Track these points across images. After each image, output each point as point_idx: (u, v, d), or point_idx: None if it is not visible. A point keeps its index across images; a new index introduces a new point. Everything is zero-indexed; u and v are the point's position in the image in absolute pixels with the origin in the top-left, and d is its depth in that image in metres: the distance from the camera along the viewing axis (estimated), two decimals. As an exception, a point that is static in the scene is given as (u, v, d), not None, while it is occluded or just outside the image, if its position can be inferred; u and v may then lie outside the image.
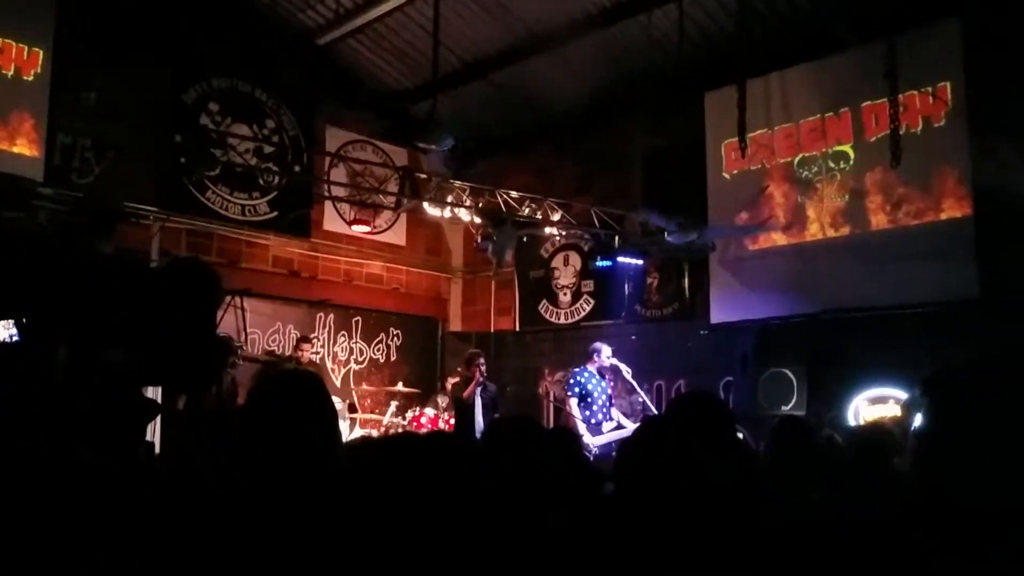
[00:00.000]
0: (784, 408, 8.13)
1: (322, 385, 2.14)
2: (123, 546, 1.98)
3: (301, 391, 2.06)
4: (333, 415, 2.06)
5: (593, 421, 8.62)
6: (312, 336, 11.02)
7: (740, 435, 7.24)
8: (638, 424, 2.57)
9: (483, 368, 9.24)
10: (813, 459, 3.10)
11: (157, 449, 7.15)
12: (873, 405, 7.96)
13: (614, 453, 2.61)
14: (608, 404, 8.69)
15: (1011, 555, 1.27)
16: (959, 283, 7.54)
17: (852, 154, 8.74)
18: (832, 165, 8.89)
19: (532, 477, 2.48)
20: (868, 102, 8.44)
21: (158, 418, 8.63)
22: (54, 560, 1.95)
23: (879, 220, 8.54)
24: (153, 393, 8.19)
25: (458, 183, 9.44)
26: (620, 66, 9.82)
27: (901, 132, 7.98)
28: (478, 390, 9.21)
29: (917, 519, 1.43)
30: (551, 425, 10.75)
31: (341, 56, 11.04)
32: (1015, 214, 7.11)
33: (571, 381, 8.88)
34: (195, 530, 1.87)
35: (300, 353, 9.83)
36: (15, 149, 8.77)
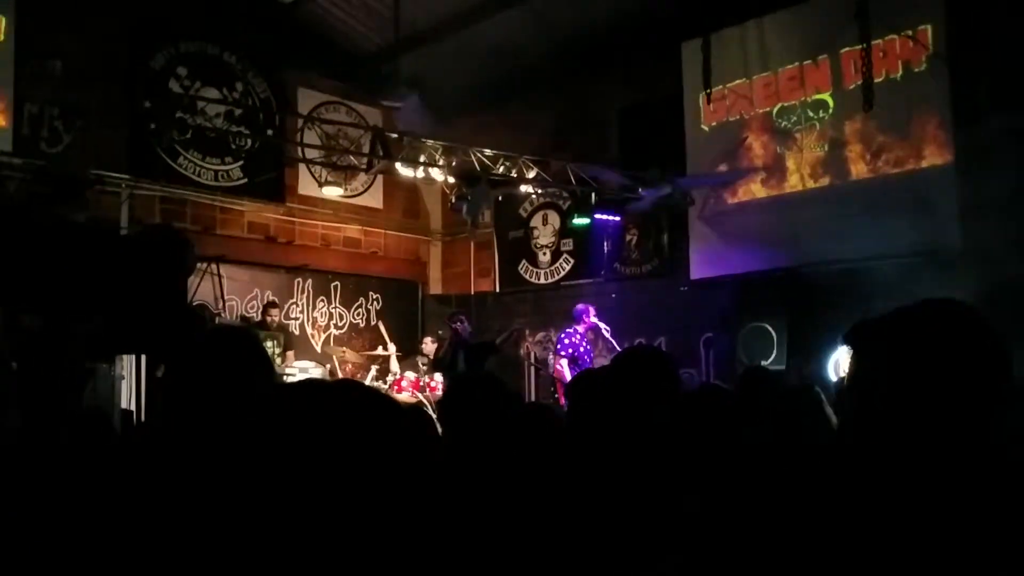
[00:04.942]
0: (764, 362, 8.08)
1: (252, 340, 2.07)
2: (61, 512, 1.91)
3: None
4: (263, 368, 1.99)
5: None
6: (290, 302, 10.97)
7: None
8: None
9: (460, 328, 9.14)
10: (774, 404, 3.12)
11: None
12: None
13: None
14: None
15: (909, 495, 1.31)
16: (940, 232, 7.46)
17: (831, 102, 8.62)
18: (811, 114, 8.77)
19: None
20: (847, 48, 8.29)
21: (136, 386, 8.59)
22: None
23: (859, 169, 8.46)
24: (128, 361, 8.15)
25: (430, 142, 9.28)
26: (595, 19, 9.63)
27: (881, 78, 7.88)
28: (461, 352, 9.12)
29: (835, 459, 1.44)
30: (533, 387, 10.75)
31: (310, 16, 10.78)
32: (996, 161, 7.03)
33: (565, 342, 8.83)
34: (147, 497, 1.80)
35: (269, 318, 9.78)
36: (-19, 120, 8.59)
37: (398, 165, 9.17)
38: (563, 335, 8.94)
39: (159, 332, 5.93)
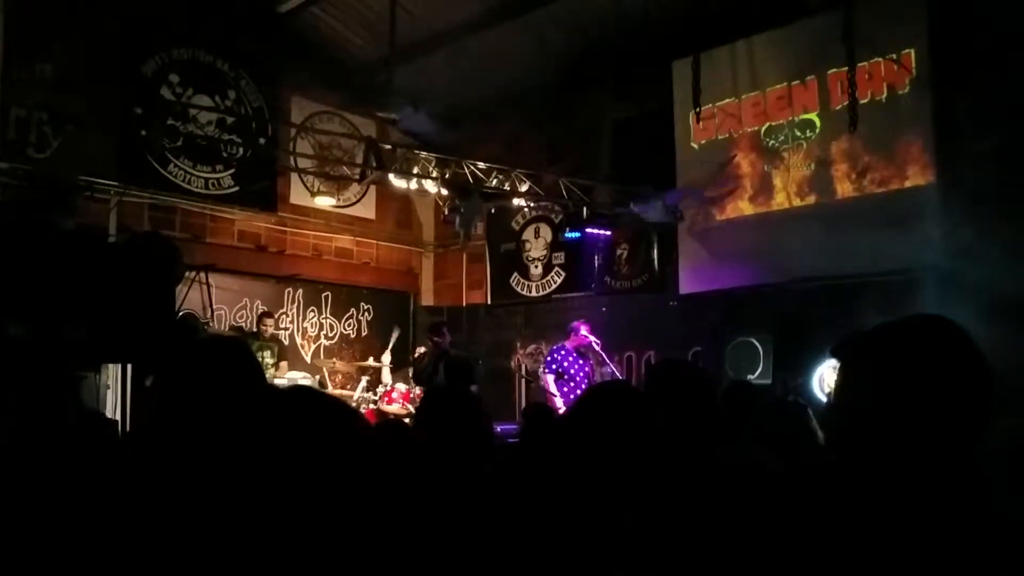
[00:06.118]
0: (750, 377, 8.15)
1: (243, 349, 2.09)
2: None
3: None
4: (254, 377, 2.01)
5: (572, 397, 8.63)
6: (280, 312, 10.95)
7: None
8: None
9: (441, 340, 9.15)
10: (758, 418, 3.16)
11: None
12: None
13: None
14: (586, 383, 8.71)
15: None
16: (923, 250, 7.52)
17: (818, 122, 8.71)
18: (799, 134, 8.86)
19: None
20: (834, 69, 8.38)
21: (122, 396, 8.57)
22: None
23: (845, 188, 8.54)
24: (114, 370, 8.14)
25: (423, 154, 9.32)
26: (589, 35, 9.71)
27: (866, 100, 7.97)
28: (442, 363, 9.10)
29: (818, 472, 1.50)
30: (523, 399, 10.77)
31: (305, 25, 10.80)
32: (977, 181, 7.11)
33: (548, 358, 8.90)
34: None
35: (263, 328, 9.77)
36: (-33, 124, 8.56)
37: (391, 176, 9.19)
38: (550, 354, 9.01)
39: (146, 341, 5.94)
